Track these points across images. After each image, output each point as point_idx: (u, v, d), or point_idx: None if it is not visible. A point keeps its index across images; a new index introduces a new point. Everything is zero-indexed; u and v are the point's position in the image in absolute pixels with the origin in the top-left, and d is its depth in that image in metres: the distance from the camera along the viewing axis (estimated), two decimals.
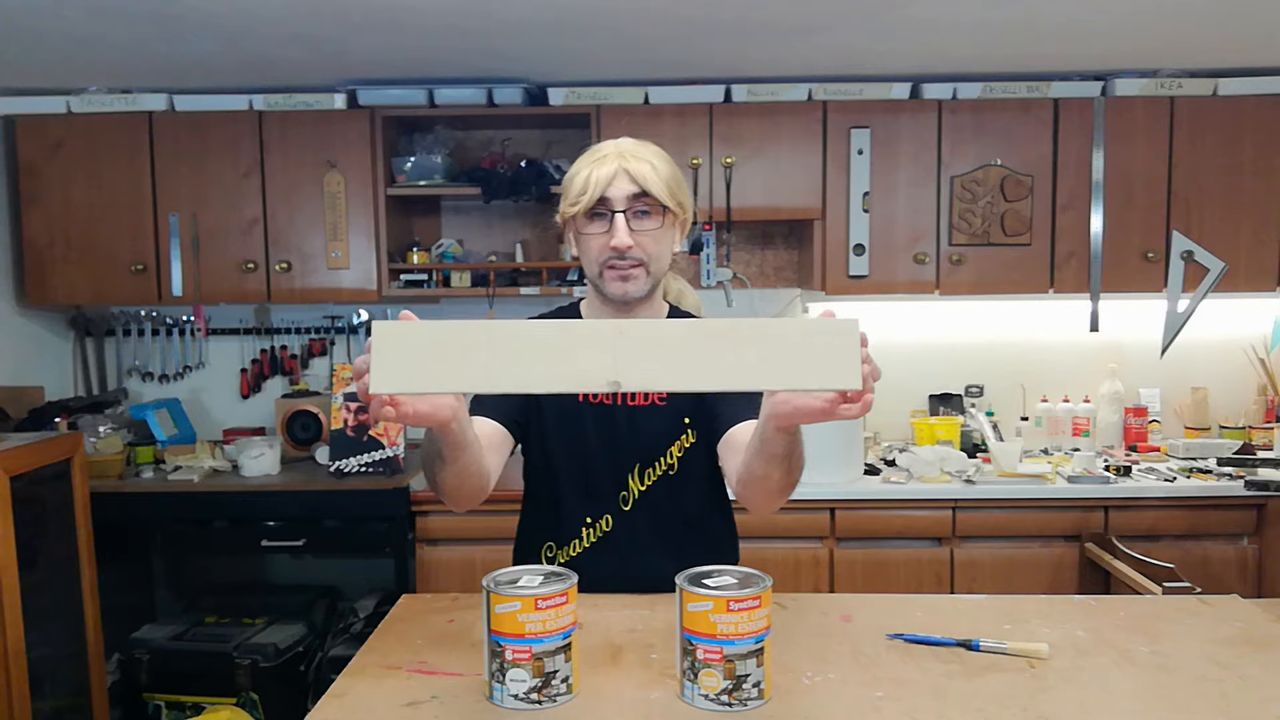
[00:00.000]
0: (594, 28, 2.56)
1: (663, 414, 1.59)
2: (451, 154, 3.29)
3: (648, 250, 1.51)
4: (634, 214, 1.49)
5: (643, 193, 1.48)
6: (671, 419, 1.59)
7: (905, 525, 2.89)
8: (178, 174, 3.16)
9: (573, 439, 1.59)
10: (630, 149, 1.51)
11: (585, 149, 1.58)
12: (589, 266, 1.54)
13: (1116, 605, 1.52)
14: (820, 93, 3.09)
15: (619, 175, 1.48)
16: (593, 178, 1.48)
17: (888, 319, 3.49)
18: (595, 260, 1.52)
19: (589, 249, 1.52)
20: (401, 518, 2.91)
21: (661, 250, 1.53)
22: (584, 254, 1.54)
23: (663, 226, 1.52)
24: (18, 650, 2.38)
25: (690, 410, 1.59)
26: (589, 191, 1.48)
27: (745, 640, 1.14)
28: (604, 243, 1.50)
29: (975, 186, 3.12)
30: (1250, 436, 3.25)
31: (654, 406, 1.59)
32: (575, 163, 1.55)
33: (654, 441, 1.59)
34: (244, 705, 2.92)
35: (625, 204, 1.49)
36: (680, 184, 1.54)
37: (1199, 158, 3.08)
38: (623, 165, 1.49)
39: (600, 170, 1.48)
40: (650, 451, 1.59)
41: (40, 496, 2.58)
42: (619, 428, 1.58)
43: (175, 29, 2.53)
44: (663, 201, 1.50)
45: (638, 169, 1.48)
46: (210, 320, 3.51)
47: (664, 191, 1.50)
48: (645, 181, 1.48)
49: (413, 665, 1.32)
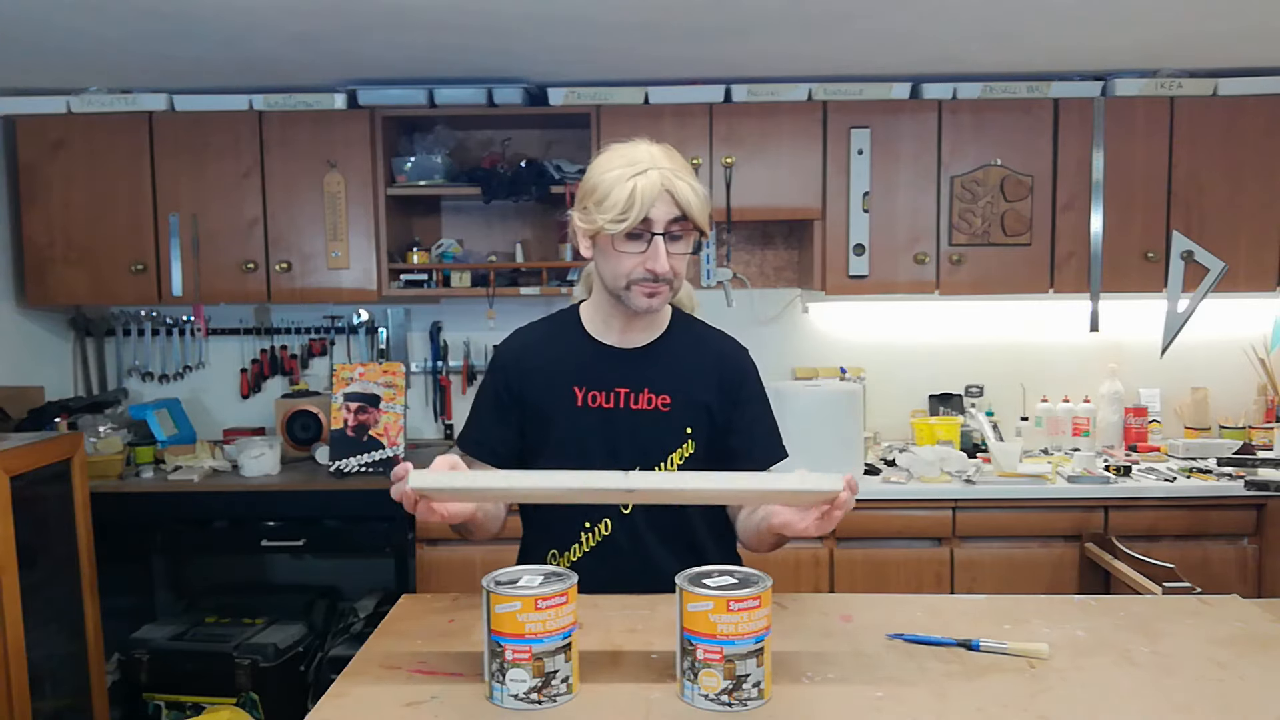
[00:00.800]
0: (594, 28, 2.56)
1: (667, 421, 1.58)
2: (451, 154, 3.29)
3: (678, 271, 1.51)
4: (669, 237, 1.48)
5: (682, 216, 1.47)
6: (674, 428, 1.59)
7: (905, 525, 2.89)
8: (178, 174, 3.16)
9: (574, 441, 1.58)
10: (665, 163, 1.47)
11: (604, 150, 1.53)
12: (613, 279, 1.51)
13: (1116, 605, 1.52)
14: (820, 93, 3.09)
15: (662, 195, 1.45)
16: (638, 194, 1.44)
17: (888, 319, 3.49)
18: (624, 275, 1.49)
19: (619, 264, 1.49)
20: (401, 518, 2.91)
21: (685, 270, 1.55)
22: (609, 266, 1.51)
23: (690, 249, 1.53)
24: (18, 650, 2.38)
25: (694, 423, 1.59)
26: (634, 211, 1.44)
27: (745, 640, 1.14)
28: (639, 262, 1.48)
29: (975, 186, 3.12)
30: (1250, 436, 3.26)
31: (657, 412, 1.58)
32: (601, 166, 1.50)
33: (655, 447, 1.58)
34: (244, 705, 2.92)
35: (665, 227, 1.47)
36: (708, 201, 1.53)
37: (1199, 158, 3.08)
38: (665, 185, 1.45)
39: (645, 187, 1.44)
40: (650, 457, 1.58)
41: (40, 496, 2.58)
42: (620, 431, 1.58)
43: (175, 29, 2.53)
44: (701, 228, 1.49)
45: (682, 192, 1.46)
46: (210, 320, 3.51)
47: (703, 217, 1.49)
48: (688, 207, 1.46)
49: (413, 665, 1.32)
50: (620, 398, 1.58)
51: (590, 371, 1.59)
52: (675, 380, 1.59)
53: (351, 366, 3.14)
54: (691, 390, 1.59)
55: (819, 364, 3.50)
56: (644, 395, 1.58)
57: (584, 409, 1.58)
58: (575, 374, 1.59)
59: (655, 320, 1.62)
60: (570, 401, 1.58)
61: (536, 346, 1.65)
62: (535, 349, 1.65)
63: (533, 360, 1.63)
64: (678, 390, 1.59)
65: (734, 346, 1.68)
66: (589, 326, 1.63)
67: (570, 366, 1.60)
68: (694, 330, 1.67)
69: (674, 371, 1.60)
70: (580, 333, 1.63)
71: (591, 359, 1.60)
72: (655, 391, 1.58)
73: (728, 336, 1.69)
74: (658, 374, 1.59)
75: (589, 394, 1.58)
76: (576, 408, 1.58)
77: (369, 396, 3.09)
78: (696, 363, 1.62)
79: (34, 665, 2.44)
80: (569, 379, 1.59)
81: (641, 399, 1.58)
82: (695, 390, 1.59)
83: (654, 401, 1.58)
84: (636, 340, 1.61)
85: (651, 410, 1.58)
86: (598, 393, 1.58)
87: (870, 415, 3.41)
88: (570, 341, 1.63)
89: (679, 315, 1.68)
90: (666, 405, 1.58)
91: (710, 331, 1.69)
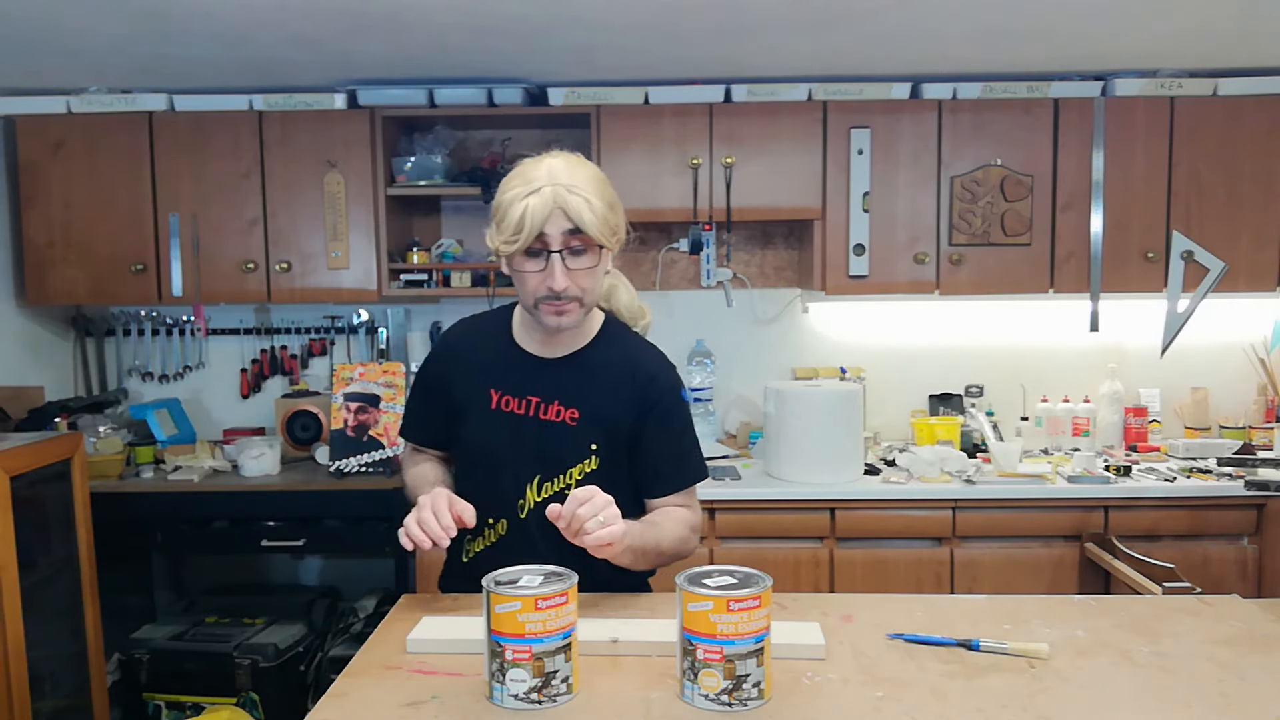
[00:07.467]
0: (594, 28, 2.56)
1: (572, 435, 1.58)
2: (451, 154, 3.29)
3: (583, 287, 1.49)
4: (570, 252, 1.46)
5: (579, 230, 1.45)
6: (579, 442, 1.59)
7: (905, 525, 2.89)
8: (178, 174, 3.16)
9: (482, 441, 1.61)
10: (564, 177, 1.45)
11: (514, 166, 1.52)
12: (523, 298, 1.53)
13: (1116, 605, 1.52)
14: (820, 93, 3.09)
15: (555, 213, 1.44)
16: (528, 215, 1.43)
17: (888, 319, 3.49)
18: (530, 294, 1.50)
19: (524, 283, 1.50)
20: (401, 518, 2.90)
21: (595, 284, 1.53)
22: (518, 285, 1.52)
23: (598, 262, 1.51)
24: (18, 650, 2.38)
25: (600, 439, 1.59)
26: (525, 230, 1.43)
27: (745, 640, 1.14)
28: (540, 281, 1.47)
29: (975, 186, 3.12)
30: (1250, 436, 3.26)
31: (564, 425, 1.59)
32: (505, 184, 1.49)
33: (557, 458, 1.59)
34: (244, 705, 2.92)
35: (561, 242, 1.45)
36: (614, 209, 1.50)
37: (1199, 158, 3.08)
38: (558, 202, 1.43)
39: (535, 207, 1.43)
40: (551, 467, 1.59)
41: (40, 496, 2.58)
42: (526, 438, 1.59)
43: (175, 29, 2.53)
44: (598, 241, 1.47)
45: (575, 206, 1.43)
46: (210, 320, 3.51)
47: (599, 229, 1.46)
48: (581, 220, 1.44)
49: (413, 665, 1.32)
50: (531, 406, 1.59)
51: (508, 376, 1.61)
52: (587, 395, 1.59)
53: (351, 366, 3.14)
54: (602, 406, 1.59)
55: (819, 364, 3.50)
56: (554, 407, 1.59)
57: (496, 412, 1.60)
58: (494, 377, 1.62)
59: (579, 331, 1.61)
60: (486, 402, 1.61)
61: (469, 342, 1.69)
62: (468, 344, 1.68)
63: (463, 355, 1.67)
64: (587, 405, 1.58)
65: (658, 365, 1.65)
66: (516, 330, 1.65)
67: (492, 368, 1.63)
68: (620, 344, 1.65)
69: (587, 386, 1.59)
70: (507, 336, 1.65)
71: (511, 364, 1.62)
72: (565, 404, 1.58)
73: (654, 353, 1.67)
74: (571, 387, 1.59)
75: (503, 398, 1.60)
76: (490, 409, 1.60)
77: (369, 396, 3.09)
78: (613, 379, 1.60)
79: (34, 665, 2.44)
80: (488, 380, 1.62)
81: (551, 410, 1.59)
82: (606, 407, 1.59)
83: (562, 414, 1.58)
84: (556, 350, 1.61)
85: (559, 422, 1.58)
86: (511, 398, 1.60)
87: (870, 415, 3.41)
88: (496, 343, 1.65)
89: (609, 327, 1.66)
90: (574, 419, 1.58)
91: (638, 347, 1.66)
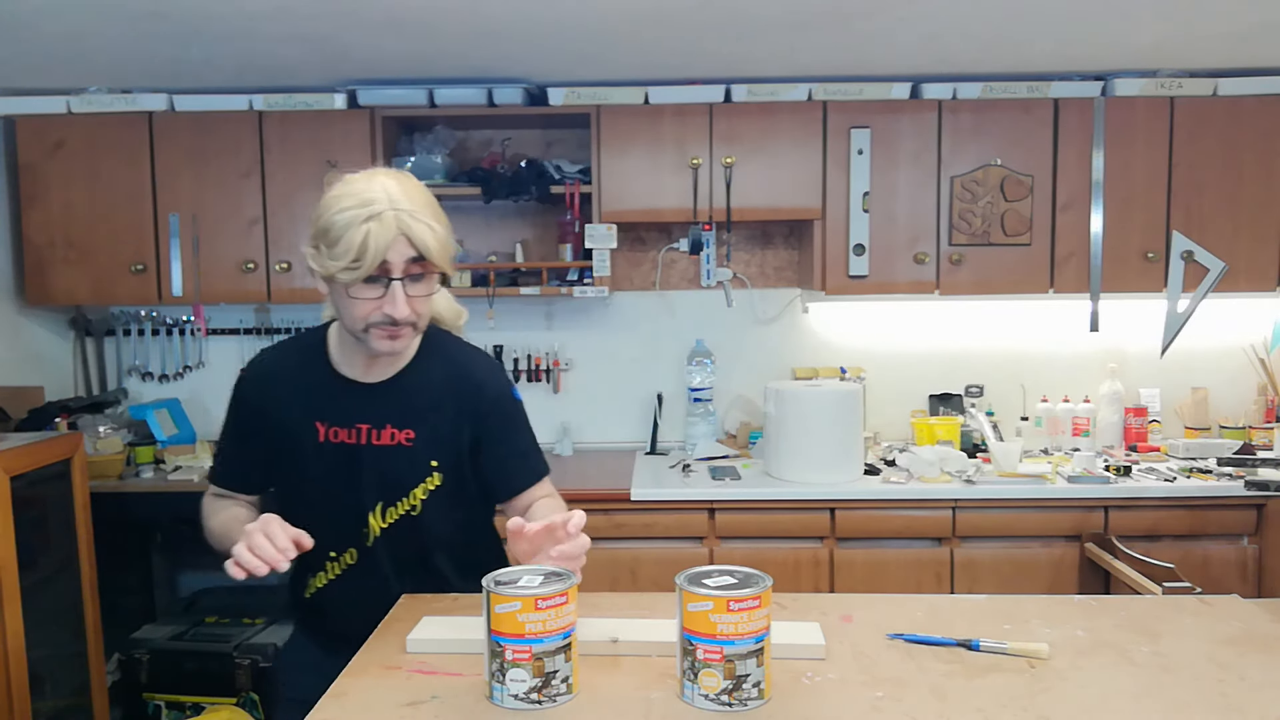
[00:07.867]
0: (594, 27, 2.56)
1: (409, 456, 1.55)
2: (451, 154, 3.29)
3: (419, 312, 1.45)
4: (410, 279, 1.42)
5: (421, 257, 1.40)
6: (418, 463, 1.55)
7: (905, 525, 2.89)
8: (178, 174, 3.16)
9: (317, 477, 1.56)
10: (404, 201, 1.38)
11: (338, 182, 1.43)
12: (350, 323, 1.45)
13: (1116, 605, 1.52)
14: (820, 93, 3.09)
15: (398, 240, 1.38)
16: (370, 241, 1.35)
17: (888, 319, 3.49)
18: (362, 319, 1.43)
19: (355, 309, 1.42)
20: None
21: (429, 308, 1.49)
22: (346, 310, 1.44)
23: (435, 288, 1.47)
24: (18, 650, 2.38)
25: (439, 455, 1.56)
26: (367, 257, 1.36)
27: (745, 640, 1.14)
28: (375, 307, 1.41)
29: (975, 186, 3.12)
30: (1250, 436, 3.25)
31: (400, 448, 1.55)
32: (332, 204, 1.40)
33: (397, 481, 1.56)
34: (244, 705, 2.92)
35: (404, 270, 1.40)
36: (450, 232, 1.46)
37: (1199, 158, 3.08)
38: (401, 228, 1.37)
39: (378, 233, 1.36)
40: (393, 491, 1.56)
41: (40, 496, 2.58)
42: (363, 467, 1.55)
43: (175, 29, 2.53)
44: (441, 268, 1.44)
45: (420, 234, 1.38)
46: (210, 320, 3.51)
47: (441, 257, 1.42)
48: (427, 249, 1.39)
49: (412, 665, 1.32)
50: (362, 434, 1.54)
51: (332, 407, 1.55)
52: (418, 414, 1.55)
53: None
54: (435, 423, 1.56)
55: (819, 364, 3.50)
56: (386, 431, 1.54)
57: (326, 444, 1.55)
58: (317, 409, 1.55)
59: (400, 354, 1.56)
60: (313, 437, 1.55)
61: (280, 376, 1.60)
62: (279, 379, 1.60)
63: (275, 391, 1.59)
64: (421, 424, 1.55)
65: (484, 371, 1.61)
66: (333, 357, 1.58)
67: (313, 401, 1.56)
68: (441, 355, 1.61)
69: (417, 405, 1.55)
70: (324, 364, 1.58)
71: (334, 394, 1.56)
72: (398, 427, 1.54)
73: (479, 358, 1.63)
74: (400, 409, 1.55)
75: (331, 429, 1.55)
76: (319, 443, 1.55)
77: None
78: (440, 394, 1.57)
79: (34, 665, 2.44)
80: (311, 414, 1.55)
81: (384, 435, 1.54)
82: (439, 422, 1.56)
83: (396, 437, 1.54)
84: (379, 374, 1.56)
85: (394, 446, 1.55)
86: (339, 429, 1.55)
87: (870, 415, 3.41)
88: (314, 373, 1.57)
89: (429, 339, 1.61)
90: (410, 440, 1.55)
91: (460, 354, 1.62)
